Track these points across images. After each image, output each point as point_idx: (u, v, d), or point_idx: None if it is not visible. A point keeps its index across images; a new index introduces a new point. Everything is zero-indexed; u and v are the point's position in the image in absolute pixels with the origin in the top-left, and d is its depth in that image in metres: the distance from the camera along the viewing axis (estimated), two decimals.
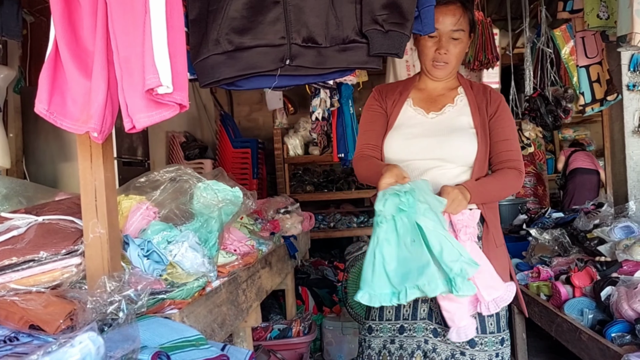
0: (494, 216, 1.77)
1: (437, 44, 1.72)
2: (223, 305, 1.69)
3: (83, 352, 0.78)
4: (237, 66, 1.37)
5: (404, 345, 1.72)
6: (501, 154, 1.74)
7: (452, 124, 1.75)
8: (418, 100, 1.83)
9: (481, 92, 1.81)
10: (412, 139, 1.74)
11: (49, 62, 1.17)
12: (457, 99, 1.81)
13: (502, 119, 1.76)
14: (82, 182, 1.26)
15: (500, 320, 1.72)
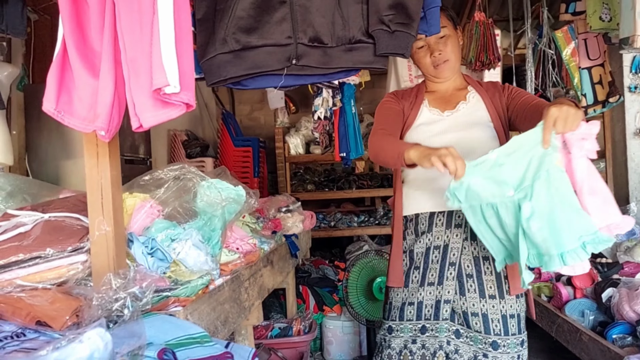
0: None
1: (429, 50, 1.81)
2: (226, 303, 1.69)
3: (92, 348, 0.78)
4: (243, 65, 1.38)
5: (426, 344, 1.72)
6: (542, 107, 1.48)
7: (469, 119, 1.80)
8: (432, 101, 1.88)
9: (491, 87, 1.87)
10: (432, 137, 1.76)
11: (57, 62, 1.18)
12: (469, 96, 1.86)
13: (519, 94, 1.80)
14: (88, 180, 1.27)
15: (521, 322, 1.73)
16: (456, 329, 1.71)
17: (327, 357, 3.55)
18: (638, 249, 2.51)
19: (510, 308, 1.71)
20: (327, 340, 3.55)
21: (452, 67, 1.84)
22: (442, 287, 1.74)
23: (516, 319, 1.71)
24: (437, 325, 1.71)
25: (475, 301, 1.71)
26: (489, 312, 1.69)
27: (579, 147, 1.36)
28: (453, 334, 1.71)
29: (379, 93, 6.30)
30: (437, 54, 1.79)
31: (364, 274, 3.26)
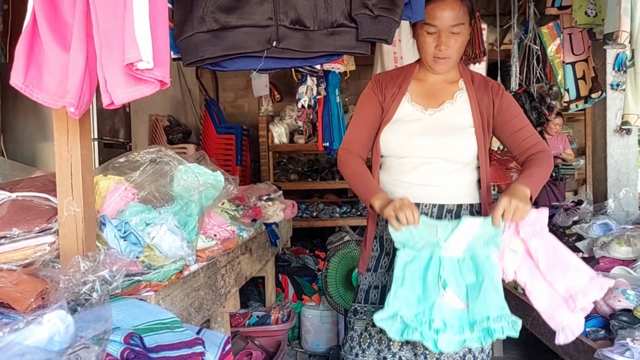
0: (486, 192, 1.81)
1: (437, 40, 1.66)
2: (201, 289, 1.67)
3: (51, 330, 0.76)
4: (222, 46, 1.34)
5: (380, 330, 1.71)
6: (523, 142, 1.72)
7: (450, 123, 1.72)
8: (417, 94, 1.79)
9: (482, 86, 1.77)
10: (410, 137, 1.72)
11: (26, 34, 1.13)
12: (457, 95, 1.76)
13: (509, 110, 1.74)
14: (57, 159, 1.23)
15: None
16: None
17: (305, 346, 3.55)
18: (614, 244, 2.53)
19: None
20: (305, 330, 3.54)
21: (451, 65, 1.74)
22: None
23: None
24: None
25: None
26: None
27: (529, 231, 1.51)
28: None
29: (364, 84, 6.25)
30: (444, 48, 1.66)
31: (344, 264, 3.25)
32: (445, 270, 1.51)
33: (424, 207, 1.73)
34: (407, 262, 1.53)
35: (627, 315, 1.95)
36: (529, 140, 1.72)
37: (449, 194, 1.72)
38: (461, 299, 1.51)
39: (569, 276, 1.47)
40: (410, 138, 1.72)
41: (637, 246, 2.49)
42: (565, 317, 1.48)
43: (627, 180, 3.52)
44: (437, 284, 1.49)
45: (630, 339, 1.74)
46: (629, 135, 3.50)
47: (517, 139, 1.73)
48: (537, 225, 1.51)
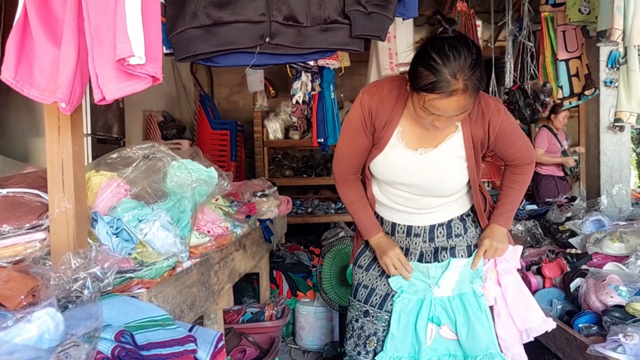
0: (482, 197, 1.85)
1: (437, 119, 1.47)
2: (193, 286, 1.66)
3: (40, 328, 0.75)
4: (214, 41, 1.33)
5: (364, 327, 1.82)
6: (510, 159, 1.78)
7: (441, 163, 1.64)
8: (408, 132, 1.64)
9: (479, 122, 1.61)
10: (401, 174, 1.65)
11: (17, 29, 1.12)
12: (452, 135, 1.64)
13: (504, 141, 1.68)
14: (48, 155, 1.22)
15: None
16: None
17: (299, 343, 3.55)
18: (607, 240, 2.54)
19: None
20: (300, 326, 3.54)
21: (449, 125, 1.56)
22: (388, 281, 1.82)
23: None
24: (379, 314, 1.80)
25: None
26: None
27: (504, 267, 1.75)
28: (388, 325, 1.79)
29: (360, 80, 6.26)
30: (442, 126, 1.51)
31: (338, 260, 3.25)
32: (437, 310, 1.72)
33: (416, 228, 1.79)
34: (401, 310, 1.74)
35: (620, 311, 1.96)
36: (518, 157, 1.76)
37: (441, 215, 1.78)
38: (454, 332, 1.73)
39: (528, 313, 1.72)
40: (399, 177, 1.66)
41: (630, 242, 2.50)
42: (516, 346, 1.75)
43: (620, 177, 3.54)
44: (426, 330, 1.72)
45: (622, 335, 1.75)
46: (622, 132, 3.52)
47: (508, 157, 1.77)
48: (512, 261, 1.76)
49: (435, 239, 1.79)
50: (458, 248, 1.78)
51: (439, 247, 1.78)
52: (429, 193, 1.69)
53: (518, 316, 1.71)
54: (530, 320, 1.71)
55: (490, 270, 1.76)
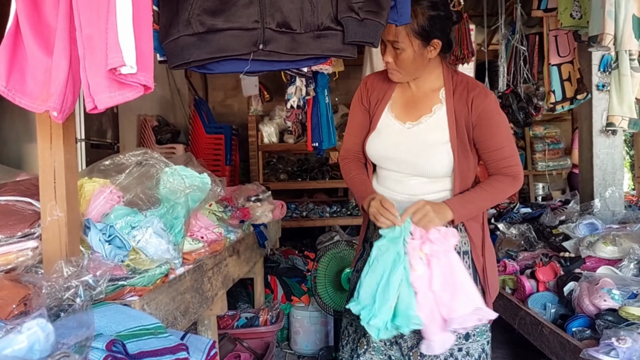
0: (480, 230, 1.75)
1: (384, 53, 1.65)
2: (187, 293, 1.66)
3: (31, 339, 0.75)
4: (208, 48, 1.33)
5: (357, 330, 1.80)
6: (494, 163, 1.69)
7: (427, 138, 1.68)
8: (398, 105, 1.76)
9: (463, 99, 1.66)
10: (390, 149, 1.72)
11: (8, 37, 1.12)
12: (436, 108, 1.70)
13: (487, 129, 1.65)
14: (40, 163, 1.22)
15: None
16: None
17: (294, 348, 3.55)
18: (600, 244, 2.55)
19: None
20: (295, 331, 3.54)
21: (403, 77, 1.69)
22: None
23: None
24: None
25: None
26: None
27: (431, 249, 1.56)
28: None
29: (354, 84, 6.27)
30: (385, 60, 1.64)
31: (333, 265, 3.25)
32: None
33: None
34: (377, 255, 1.60)
35: (613, 315, 1.97)
36: (500, 164, 1.68)
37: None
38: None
39: (454, 302, 1.55)
40: (389, 150, 1.72)
41: (623, 246, 2.51)
42: (437, 334, 1.57)
43: (613, 180, 3.55)
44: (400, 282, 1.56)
45: (615, 339, 1.76)
46: (615, 136, 3.54)
47: (490, 159, 1.69)
48: (442, 245, 1.57)
49: None
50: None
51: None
52: (414, 171, 1.70)
53: (443, 304, 1.55)
54: (455, 310, 1.54)
55: (415, 249, 1.60)
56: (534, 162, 6.97)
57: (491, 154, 1.68)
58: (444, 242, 1.58)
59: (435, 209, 1.58)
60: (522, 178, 1.71)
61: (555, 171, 7.00)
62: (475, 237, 1.74)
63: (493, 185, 1.68)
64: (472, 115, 1.65)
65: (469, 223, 1.72)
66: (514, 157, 1.68)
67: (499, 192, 1.68)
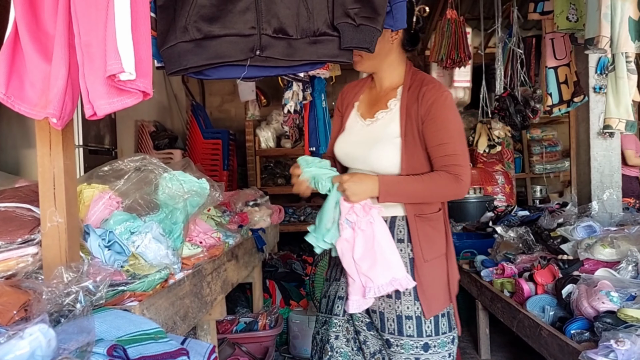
0: (426, 228, 1.68)
1: None
2: (186, 297, 1.66)
3: (33, 344, 0.75)
4: (205, 55, 1.34)
5: (322, 337, 1.77)
6: (437, 159, 1.64)
7: (379, 134, 1.69)
8: (364, 104, 1.81)
9: (415, 94, 1.66)
10: (350, 147, 1.75)
11: (7, 45, 1.13)
12: (391, 103, 1.72)
13: (432, 123, 1.63)
14: (40, 170, 1.22)
15: (421, 325, 1.65)
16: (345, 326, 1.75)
17: (293, 352, 3.54)
18: (598, 246, 2.56)
19: (407, 309, 1.65)
20: (293, 335, 3.53)
21: (366, 65, 1.72)
22: (338, 283, 1.77)
23: (414, 322, 1.65)
24: (329, 318, 1.76)
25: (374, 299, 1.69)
26: (385, 311, 1.67)
27: (354, 219, 1.60)
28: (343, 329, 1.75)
29: None
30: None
31: None
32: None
33: None
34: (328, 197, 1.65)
35: (611, 317, 1.98)
36: (443, 160, 1.63)
37: (385, 208, 1.67)
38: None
39: (371, 272, 1.59)
40: (349, 148, 1.75)
41: (621, 248, 2.52)
42: (356, 295, 1.62)
43: (610, 183, 3.57)
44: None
45: (614, 341, 1.76)
46: (612, 138, 3.55)
47: (434, 154, 1.64)
48: (364, 217, 1.59)
49: None
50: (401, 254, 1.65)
51: None
52: (367, 167, 1.69)
53: (362, 273, 1.59)
54: (372, 280, 1.57)
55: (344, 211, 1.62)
56: (532, 165, 7.00)
57: (435, 149, 1.63)
58: (365, 214, 1.59)
59: (361, 181, 1.57)
60: (467, 183, 1.64)
61: (552, 174, 7.02)
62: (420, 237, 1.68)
63: (432, 177, 1.62)
64: (422, 109, 1.64)
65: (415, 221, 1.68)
66: (459, 156, 1.63)
67: (435, 187, 1.63)
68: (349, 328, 1.75)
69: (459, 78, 5.18)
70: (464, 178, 1.63)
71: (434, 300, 1.66)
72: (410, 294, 1.65)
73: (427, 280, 1.65)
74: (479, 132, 5.69)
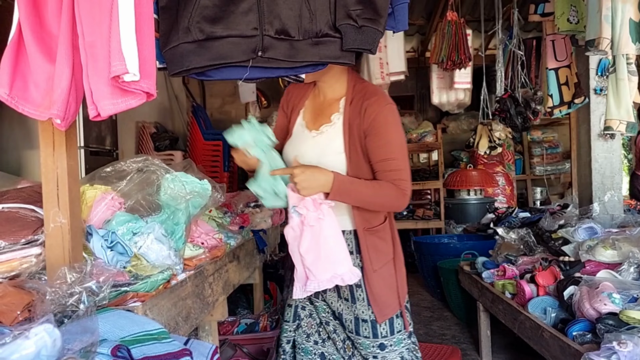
0: (374, 240, 1.71)
1: None
2: (188, 298, 1.66)
3: (38, 344, 0.75)
4: (207, 56, 1.35)
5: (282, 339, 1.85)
6: (381, 173, 1.63)
7: (324, 148, 1.68)
8: (309, 112, 1.79)
9: (357, 108, 1.65)
10: (299, 154, 1.71)
11: (11, 45, 1.13)
12: (335, 117, 1.70)
13: (376, 138, 1.62)
14: (43, 170, 1.22)
15: (376, 328, 1.71)
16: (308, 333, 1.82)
17: None
18: (599, 248, 2.56)
19: (362, 313, 1.71)
20: None
21: (308, 77, 1.71)
22: (288, 290, 1.83)
23: (369, 324, 1.71)
24: (286, 326, 1.84)
25: (333, 299, 1.77)
26: (344, 312, 1.74)
27: (303, 213, 1.57)
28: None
29: None
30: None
31: None
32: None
33: None
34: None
35: (613, 319, 1.97)
36: (385, 175, 1.62)
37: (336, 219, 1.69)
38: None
39: (314, 266, 1.58)
40: (297, 158, 1.69)
41: (622, 249, 2.52)
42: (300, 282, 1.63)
43: (611, 184, 3.56)
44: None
45: (616, 343, 1.76)
46: (613, 140, 3.55)
47: (376, 169, 1.64)
48: (312, 214, 1.57)
49: None
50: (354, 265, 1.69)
51: None
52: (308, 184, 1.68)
53: (305, 266, 1.59)
54: (314, 274, 1.58)
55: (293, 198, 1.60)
56: (532, 167, 7.00)
57: (379, 164, 1.63)
58: (315, 209, 1.57)
59: (314, 174, 1.54)
60: (409, 197, 1.64)
61: (553, 175, 7.02)
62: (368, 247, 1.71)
63: (382, 186, 1.62)
64: (364, 123, 1.62)
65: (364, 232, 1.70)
66: (402, 171, 1.63)
67: (382, 196, 1.62)
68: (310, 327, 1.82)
69: (459, 80, 5.19)
70: (407, 193, 1.64)
71: (385, 307, 1.71)
72: (364, 299, 1.71)
73: (377, 289, 1.70)
74: (480, 133, 5.70)
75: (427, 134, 5.91)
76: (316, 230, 1.59)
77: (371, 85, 1.74)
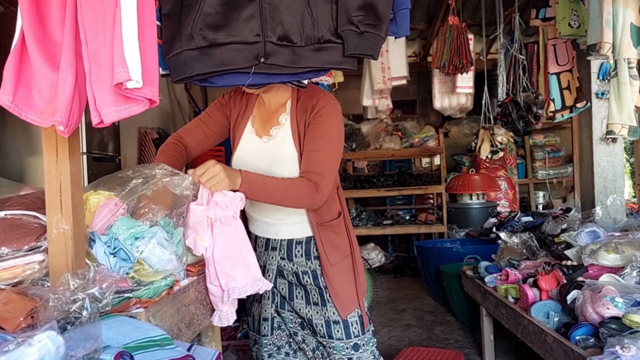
0: (329, 234, 1.75)
1: None
2: (191, 304, 1.66)
3: (42, 351, 0.75)
4: (210, 62, 1.35)
5: (257, 355, 1.90)
6: (304, 163, 1.64)
7: (277, 152, 1.70)
8: (257, 119, 1.79)
9: (304, 106, 1.69)
10: (251, 163, 1.71)
11: (14, 53, 1.14)
12: (282, 118, 1.73)
13: (314, 129, 1.65)
14: (46, 177, 1.23)
15: (349, 328, 1.76)
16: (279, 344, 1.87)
17: None
18: (602, 252, 2.55)
19: (333, 315, 1.76)
20: None
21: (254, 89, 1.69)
22: (259, 304, 1.85)
23: (341, 325, 1.75)
24: (257, 338, 1.88)
25: (302, 306, 1.80)
26: (314, 317, 1.77)
27: (217, 213, 1.51)
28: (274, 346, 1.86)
29: (353, 94, 6.32)
30: None
31: None
32: None
33: (274, 242, 1.80)
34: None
35: (616, 323, 1.97)
36: (308, 165, 1.63)
37: (297, 229, 1.76)
38: None
39: (234, 271, 1.53)
40: (250, 168, 1.66)
41: (625, 253, 2.51)
42: (219, 305, 1.59)
43: (613, 188, 3.57)
44: None
45: (619, 347, 1.75)
46: (615, 143, 3.56)
47: (304, 158, 1.65)
48: (228, 210, 1.51)
49: (294, 257, 1.77)
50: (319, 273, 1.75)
51: (299, 271, 1.77)
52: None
53: (223, 273, 1.53)
54: (235, 280, 1.52)
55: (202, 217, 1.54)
56: (534, 171, 7.00)
57: (306, 153, 1.64)
58: (229, 207, 1.51)
59: (226, 172, 1.50)
60: (324, 195, 1.62)
61: (555, 179, 7.02)
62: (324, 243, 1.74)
63: (294, 181, 1.60)
64: (309, 117, 1.66)
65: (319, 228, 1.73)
66: (325, 167, 1.62)
67: (293, 191, 1.59)
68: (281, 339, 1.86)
69: (461, 84, 5.20)
70: (322, 189, 1.61)
71: (346, 300, 1.75)
72: (330, 300, 1.75)
73: (336, 282, 1.74)
74: (482, 138, 5.70)
75: (429, 139, 5.92)
76: (231, 230, 1.53)
77: (316, 87, 1.78)
